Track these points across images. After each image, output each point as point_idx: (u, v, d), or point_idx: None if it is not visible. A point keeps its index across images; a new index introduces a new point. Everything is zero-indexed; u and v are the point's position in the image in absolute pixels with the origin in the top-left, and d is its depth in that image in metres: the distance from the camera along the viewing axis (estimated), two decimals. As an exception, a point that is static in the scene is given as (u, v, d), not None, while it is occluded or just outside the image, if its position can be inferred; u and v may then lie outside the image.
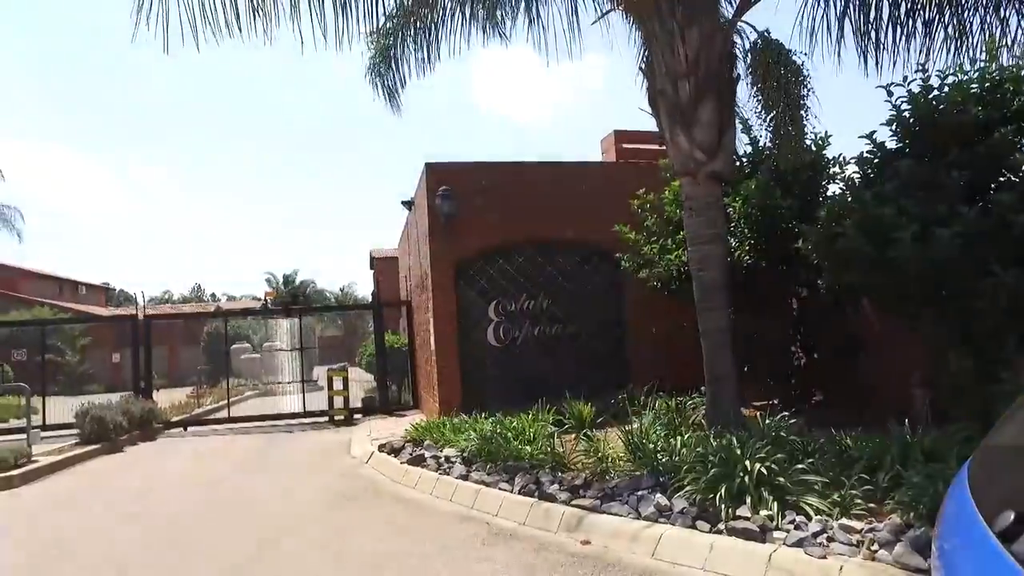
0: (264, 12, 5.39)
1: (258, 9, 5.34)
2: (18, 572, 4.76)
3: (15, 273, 31.91)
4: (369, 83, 8.44)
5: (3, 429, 13.96)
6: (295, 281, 47.41)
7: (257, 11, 5.34)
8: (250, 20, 5.37)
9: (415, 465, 7.03)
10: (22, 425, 12.79)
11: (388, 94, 8.49)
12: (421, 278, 11.75)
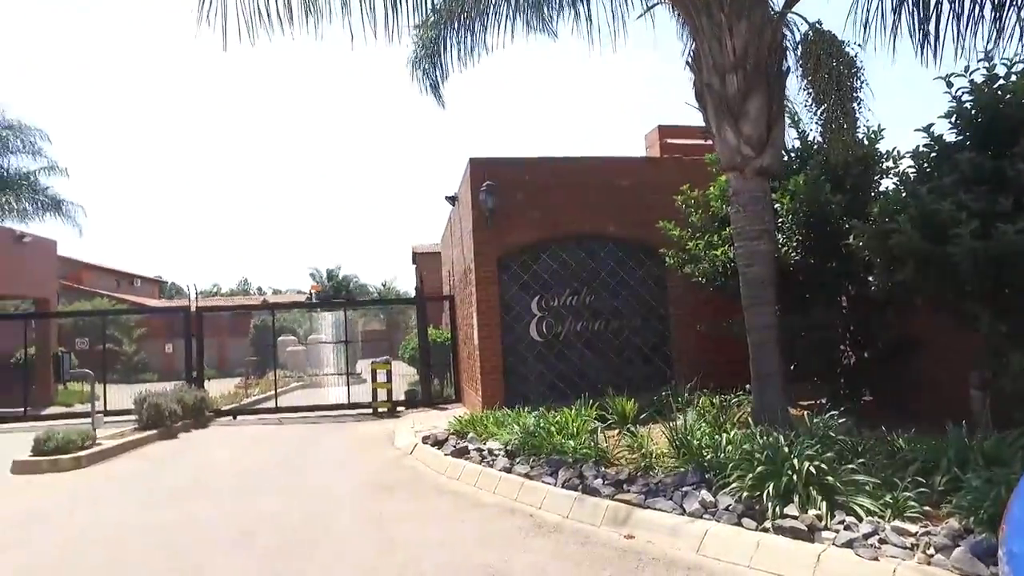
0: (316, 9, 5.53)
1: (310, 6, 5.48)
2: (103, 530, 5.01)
3: (78, 266, 33.21)
4: (412, 76, 8.55)
5: (69, 413, 14.66)
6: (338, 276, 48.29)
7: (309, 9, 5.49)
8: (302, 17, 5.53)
9: (458, 457, 7.13)
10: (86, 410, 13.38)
11: (431, 87, 8.58)
12: (464, 273, 11.86)
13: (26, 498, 6.88)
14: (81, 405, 16.55)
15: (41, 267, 18.82)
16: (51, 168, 22.94)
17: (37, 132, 22.23)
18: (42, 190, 22.59)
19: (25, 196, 22.08)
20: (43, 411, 15.56)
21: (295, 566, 4.34)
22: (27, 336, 16.51)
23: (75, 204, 23.11)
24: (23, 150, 22.31)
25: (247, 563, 4.46)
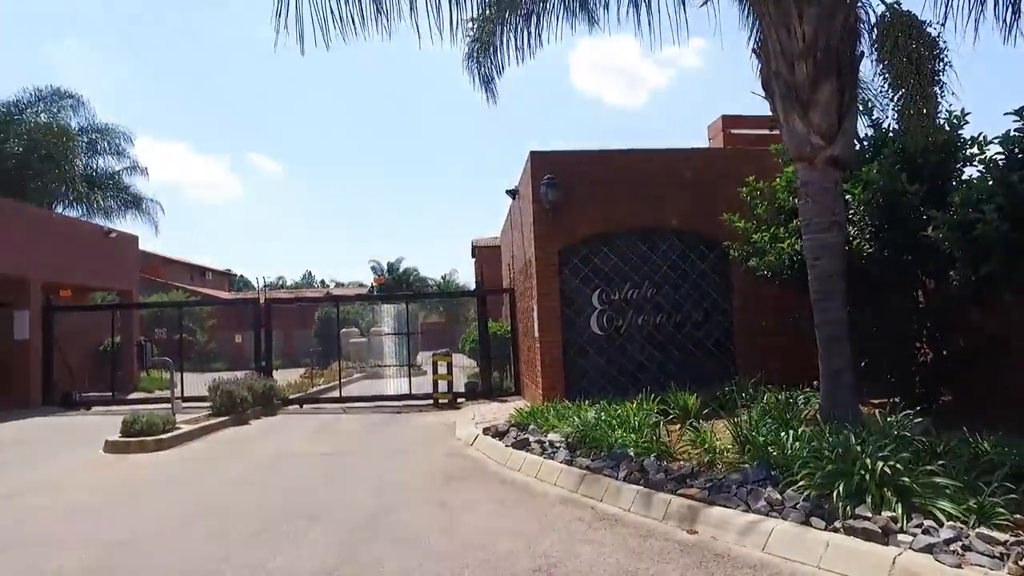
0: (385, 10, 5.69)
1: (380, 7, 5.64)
2: (185, 510, 5.32)
3: (156, 260, 34.99)
4: (466, 70, 8.60)
5: (150, 398, 15.53)
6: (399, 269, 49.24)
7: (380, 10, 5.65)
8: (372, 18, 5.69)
9: (519, 449, 7.19)
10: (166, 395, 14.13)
11: (484, 81, 8.62)
12: (525, 266, 11.93)
13: (121, 475, 7.36)
14: (160, 391, 17.51)
15: (125, 261, 19.94)
16: (133, 168, 24.30)
17: (121, 134, 23.56)
18: (125, 188, 23.95)
19: (110, 194, 23.45)
20: (128, 396, 16.54)
21: (366, 547, 4.49)
22: (114, 326, 17.52)
23: (153, 201, 24.43)
24: (109, 151, 23.68)
25: (321, 539, 4.65)
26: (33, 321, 15.49)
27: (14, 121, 20.91)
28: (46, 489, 6.78)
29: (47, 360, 15.77)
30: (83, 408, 14.77)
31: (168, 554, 4.49)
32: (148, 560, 4.38)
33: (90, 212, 22.42)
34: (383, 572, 4.03)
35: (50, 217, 18.33)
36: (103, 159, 23.49)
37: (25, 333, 15.40)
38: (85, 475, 7.48)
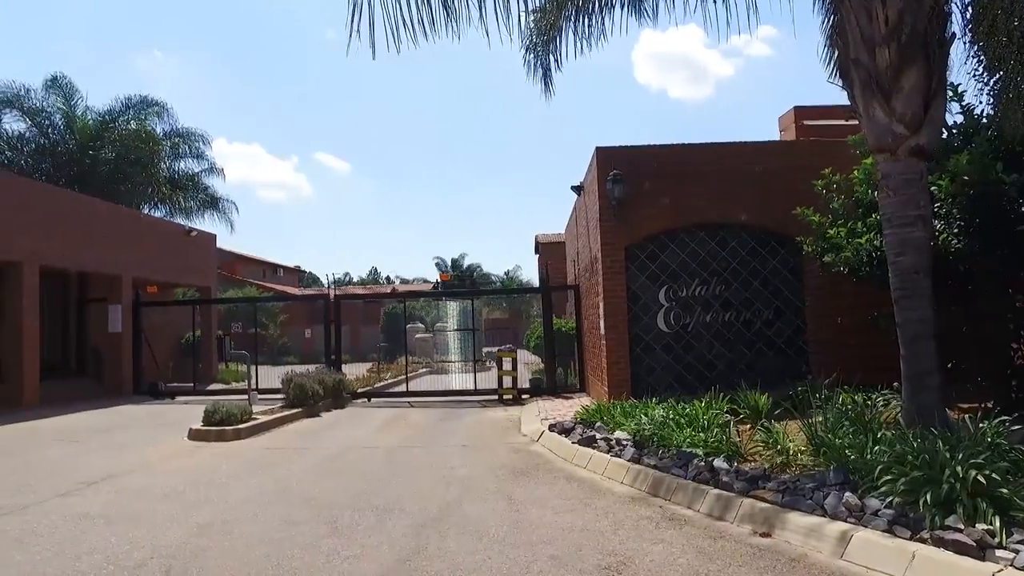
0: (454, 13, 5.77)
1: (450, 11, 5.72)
2: (263, 498, 5.57)
3: (231, 257, 36.60)
4: (524, 63, 8.54)
5: (227, 389, 16.28)
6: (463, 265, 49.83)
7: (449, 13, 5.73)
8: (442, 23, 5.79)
9: (586, 446, 7.17)
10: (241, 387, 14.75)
11: (542, 74, 8.55)
12: (590, 262, 11.86)
13: (203, 461, 7.74)
14: (236, 383, 18.33)
15: (204, 259, 20.94)
16: (210, 169, 25.51)
17: (200, 137, 24.77)
18: (203, 189, 25.17)
19: (191, 195, 24.69)
20: (207, 387, 17.38)
21: (436, 539, 4.58)
22: (195, 320, 18.45)
23: (229, 201, 25.57)
24: (189, 154, 24.93)
25: (392, 530, 4.77)
26: (125, 315, 16.50)
27: (108, 129, 22.27)
28: (140, 472, 7.22)
29: (136, 352, 16.76)
30: (168, 397, 15.63)
31: (249, 538, 4.70)
32: (232, 542, 4.59)
33: (172, 212, 23.71)
34: (454, 564, 4.10)
35: (139, 218, 19.45)
36: (184, 162, 24.80)
37: (118, 326, 16.42)
38: (172, 460, 7.92)
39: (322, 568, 4.07)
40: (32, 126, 21.93)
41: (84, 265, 15.81)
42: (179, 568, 4.11)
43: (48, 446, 9.17)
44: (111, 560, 4.29)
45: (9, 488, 6.56)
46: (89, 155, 21.78)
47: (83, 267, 15.96)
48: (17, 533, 4.98)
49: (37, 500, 5.99)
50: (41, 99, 22.07)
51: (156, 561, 4.24)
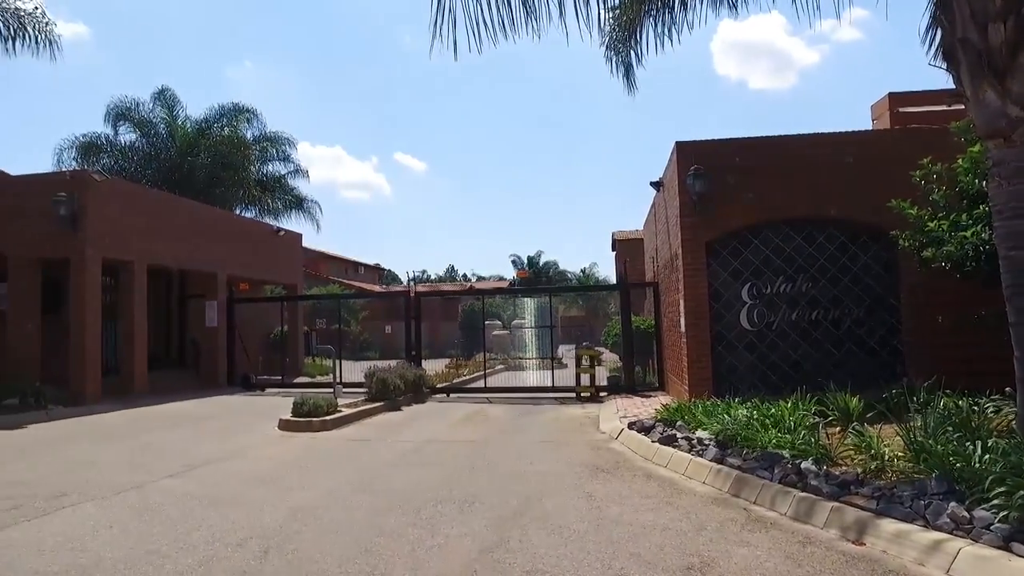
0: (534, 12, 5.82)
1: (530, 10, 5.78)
2: (349, 487, 5.80)
3: (315, 256, 38.07)
4: (605, 60, 8.49)
5: (313, 383, 16.97)
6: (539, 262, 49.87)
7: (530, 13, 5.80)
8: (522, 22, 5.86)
9: (666, 445, 7.06)
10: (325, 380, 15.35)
11: (624, 71, 8.46)
12: (670, 259, 11.65)
13: (292, 450, 8.12)
14: (321, 376, 19.09)
15: (291, 257, 21.89)
16: (296, 171, 26.66)
17: (286, 141, 25.93)
18: (289, 191, 26.33)
19: (278, 196, 25.88)
20: (294, 380, 18.17)
21: (517, 533, 4.63)
22: (283, 316, 19.33)
23: (313, 201, 26.63)
24: (277, 158, 26.14)
25: (474, 522, 4.86)
26: (220, 311, 17.50)
27: (204, 136, 23.67)
28: (237, 458, 7.66)
29: (230, 345, 17.73)
30: (258, 389, 16.47)
31: (338, 524, 4.90)
32: (322, 527, 4.81)
33: (261, 213, 24.93)
34: (536, 557, 4.14)
35: (233, 219, 20.55)
36: (272, 165, 26.05)
37: (214, 321, 17.44)
38: (265, 448, 8.35)
39: (408, 556, 4.19)
40: (141, 136, 23.62)
41: (185, 264, 16.87)
42: (276, 548, 4.34)
43: (156, 431, 9.87)
44: (216, 537, 4.58)
45: (126, 467, 7.13)
46: (188, 161, 23.22)
47: (184, 266, 17.02)
48: (136, 508, 5.42)
49: (150, 479, 6.47)
50: (148, 111, 23.75)
51: (255, 541, 4.49)
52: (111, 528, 4.87)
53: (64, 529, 4.87)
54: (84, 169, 17.20)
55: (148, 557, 4.21)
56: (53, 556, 4.28)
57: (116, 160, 23.18)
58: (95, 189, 13.88)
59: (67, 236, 13.41)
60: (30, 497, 5.84)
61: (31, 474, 6.88)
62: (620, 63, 8.09)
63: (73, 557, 4.25)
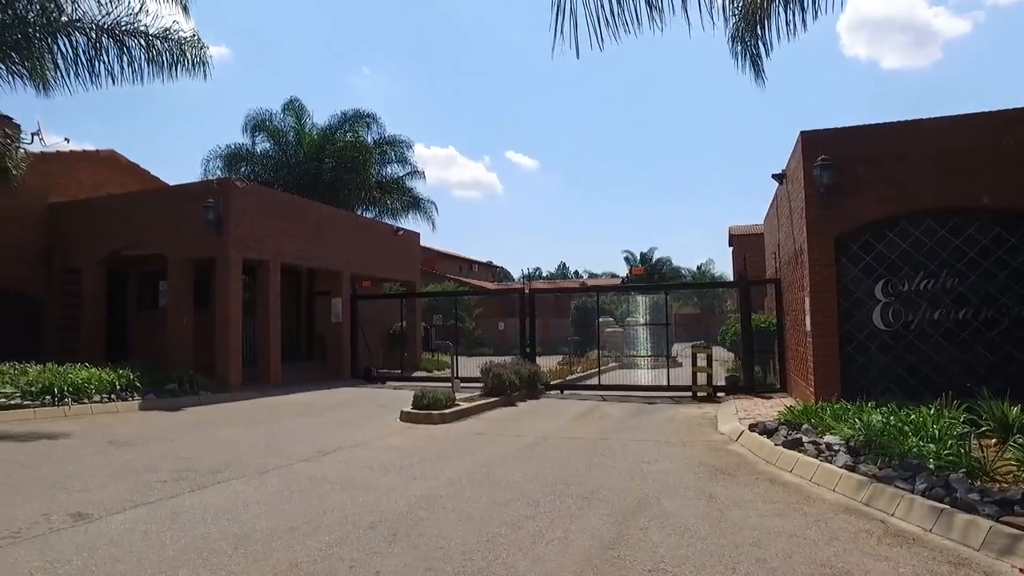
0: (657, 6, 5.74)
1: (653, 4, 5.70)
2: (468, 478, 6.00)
3: (431, 254, 39.43)
4: (731, 52, 8.17)
5: (430, 377, 17.62)
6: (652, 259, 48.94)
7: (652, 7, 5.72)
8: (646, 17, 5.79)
9: (791, 448, 6.74)
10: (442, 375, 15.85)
11: (752, 62, 8.12)
12: (794, 255, 11.07)
13: (413, 441, 8.49)
14: (438, 371, 19.76)
15: (409, 255, 22.80)
16: (412, 172, 27.73)
17: (404, 143, 27.03)
18: (407, 191, 27.42)
19: (396, 197, 27.04)
20: (412, 373, 18.95)
21: (636, 530, 4.60)
22: (402, 312, 20.20)
23: (429, 201, 27.59)
24: (395, 160, 27.32)
25: (592, 518, 4.88)
26: (344, 307, 18.56)
27: (329, 142, 25.18)
28: (363, 446, 8.11)
29: (353, 340, 18.76)
30: (379, 382, 17.30)
31: (460, 513, 5.08)
32: (445, 516, 5.00)
33: (381, 213, 26.17)
34: (657, 556, 4.09)
35: (356, 219, 21.69)
36: (390, 167, 27.26)
37: (339, 317, 18.52)
38: (388, 438, 8.77)
39: (529, 547, 4.28)
40: (274, 144, 25.52)
41: (313, 263, 18.02)
42: (403, 533, 4.57)
43: (289, 418, 10.64)
44: (348, 519, 4.89)
45: (266, 450, 7.76)
46: (314, 165, 24.80)
47: (312, 264, 18.19)
48: (277, 487, 5.89)
49: (287, 463, 7.00)
50: (280, 121, 25.61)
51: (383, 525, 4.75)
52: (258, 504, 5.33)
53: (219, 502, 5.39)
54: (228, 177, 18.80)
55: (290, 532, 4.56)
56: (214, 524, 4.76)
57: (253, 167, 25.20)
58: (237, 195, 15.15)
59: (214, 238, 14.74)
60: (191, 471, 6.51)
61: (190, 451, 7.65)
62: (746, 53, 7.77)
63: (230, 526, 4.70)
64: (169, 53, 12.37)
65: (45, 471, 6.61)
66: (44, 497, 5.58)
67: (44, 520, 4.88)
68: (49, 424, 9.80)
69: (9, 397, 10.63)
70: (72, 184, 17.99)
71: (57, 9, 11.42)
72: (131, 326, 18.29)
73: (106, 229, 16.58)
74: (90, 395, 11.44)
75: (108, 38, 11.92)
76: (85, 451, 7.76)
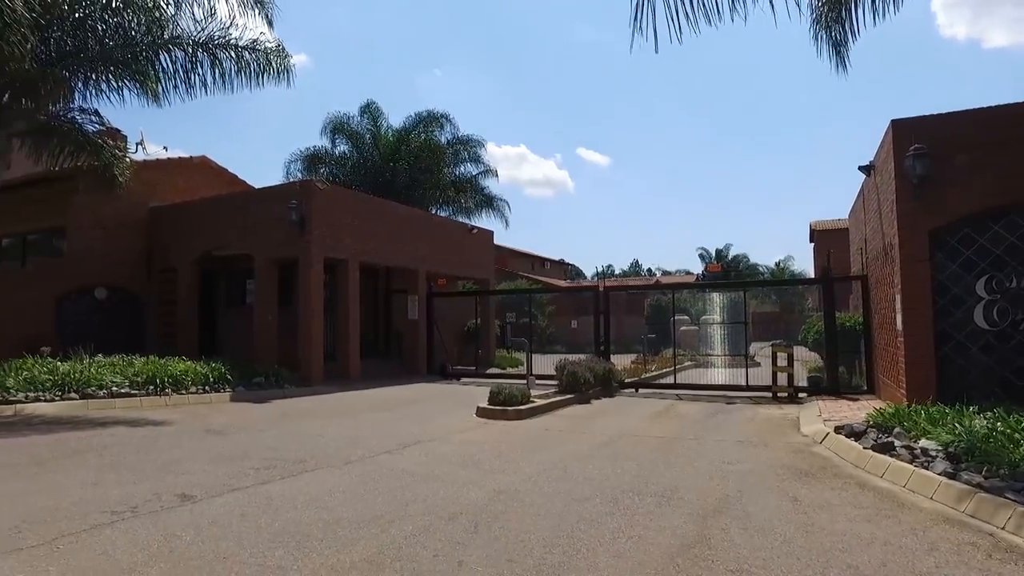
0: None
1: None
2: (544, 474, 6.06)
3: (503, 252, 39.73)
4: (812, 38, 7.89)
5: (503, 374, 17.79)
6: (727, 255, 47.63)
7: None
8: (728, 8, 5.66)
9: (881, 453, 6.42)
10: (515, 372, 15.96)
11: (834, 49, 7.80)
12: (884, 250, 10.53)
13: (490, 436, 8.61)
14: (511, 368, 19.92)
15: (483, 253, 23.08)
16: (485, 171, 28.02)
17: (476, 142, 27.36)
18: (480, 190, 27.74)
19: (470, 196, 27.41)
20: (486, 370, 19.17)
21: (718, 531, 4.52)
22: (476, 310, 20.47)
23: (502, 199, 27.81)
24: (468, 159, 27.68)
25: (671, 517, 4.82)
26: (420, 305, 19.00)
27: (403, 142, 25.79)
28: (441, 440, 8.29)
29: (429, 337, 19.17)
30: (454, 378, 17.61)
31: (539, 508, 5.12)
32: (524, 510, 5.06)
33: (455, 212, 26.57)
34: (740, 557, 4.01)
35: (431, 219, 22.14)
36: (463, 166, 27.63)
37: (415, 314, 18.97)
38: (465, 433, 8.93)
39: (609, 544, 4.28)
40: (352, 146, 26.37)
41: (390, 261, 18.52)
42: (484, 524, 4.66)
43: (369, 412, 11.00)
44: (430, 510, 5.03)
45: (348, 442, 8.06)
46: (389, 166, 25.44)
47: (389, 263, 18.70)
48: (361, 477, 6.12)
49: (369, 454, 7.26)
50: (357, 123, 26.43)
51: (465, 517, 4.86)
52: (343, 492, 5.55)
53: (307, 489, 5.65)
54: (309, 179, 19.54)
55: (375, 521, 4.74)
56: (304, 511, 5.00)
57: (332, 169, 26.11)
58: (318, 196, 15.76)
59: (297, 238, 15.39)
60: (280, 460, 6.84)
61: (278, 441, 8.05)
62: (829, 41, 7.47)
63: (318, 513, 4.92)
64: (256, 63, 13.03)
65: (153, 455, 7.13)
66: (154, 478, 6.03)
67: (156, 498, 5.28)
68: (153, 412, 10.54)
69: (120, 386, 11.49)
70: (169, 189, 19.18)
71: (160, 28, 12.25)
72: (221, 322, 19.34)
73: (198, 231, 17.61)
74: (187, 386, 12.21)
75: (202, 51, 12.68)
76: (185, 438, 8.29)
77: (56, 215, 17.33)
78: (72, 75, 12.15)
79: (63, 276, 17.17)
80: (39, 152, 13.74)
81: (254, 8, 12.99)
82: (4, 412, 9.90)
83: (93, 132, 13.78)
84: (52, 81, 11.45)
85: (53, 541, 4.27)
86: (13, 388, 10.59)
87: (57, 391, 10.88)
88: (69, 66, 11.99)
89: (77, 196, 16.24)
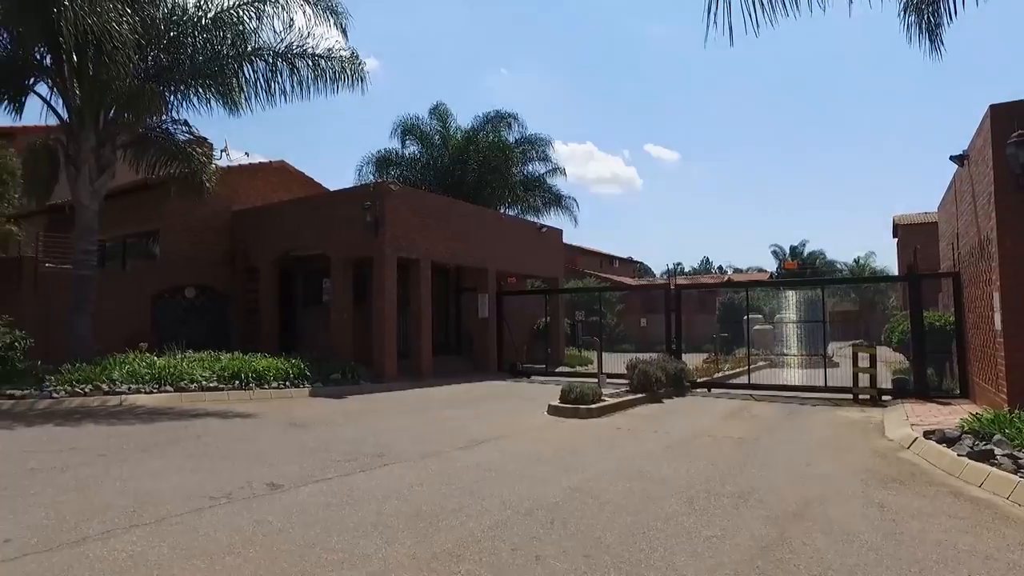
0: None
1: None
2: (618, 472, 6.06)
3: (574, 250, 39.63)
4: (902, 24, 7.52)
5: (572, 372, 17.79)
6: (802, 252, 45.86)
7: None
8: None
9: (979, 461, 6.08)
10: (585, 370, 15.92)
11: (928, 32, 7.41)
12: (979, 245, 9.94)
13: (562, 434, 8.66)
14: (580, 367, 19.88)
15: (553, 252, 23.09)
16: (553, 170, 28.02)
17: (544, 141, 27.39)
18: (548, 189, 27.76)
19: (538, 195, 27.49)
20: (556, 368, 19.20)
21: (798, 534, 4.42)
22: (546, 308, 20.53)
23: (570, 198, 27.74)
24: (536, 158, 27.76)
25: (749, 518, 4.74)
26: (490, 303, 19.21)
27: (472, 142, 26.10)
28: (513, 437, 8.40)
29: (499, 335, 19.35)
30: (524, 376, 17.72)
31: (614, 505, 5.13)
32: (599, 507, 5.08)
33: (523, 211, 26.68)
34: (823, 562, 3.91)
35: (500, 218, 22.33)
36: (531, 165, 27.70)
37: (485, 312, 19.20)
38: (537, 430, 9.01)
39: (684, 543, 4.25)
40: (421, 147, 26.90)
41: (460, 260, 18.80)
42: (560, 520, 4.71)
43: (442, 408, 11.23)
44: (507, 505, 5.12)
45: (423, 438, 8.27)
46: (458, 166, 25.80)
47: (459, 262, 18.99)
48: (437, 472, 6.28)
49: (444, 450, 7.43)
50: (426, 125, 26.94)
51: (540, 512, 4.92)
52: (421, 486, 5.71)
53: (386, 483, 5.84)
54: (383, 181, 20.07)
55: (454, 514, 4.86)
56: (384, 502, 5.18)
57: (402, 170, 26.69)
58: (391, 197, 16.18)
59: (370, 238, 15.85)
60: (360, 454, 7.11)
61: (356, 435, 8.34)
62: (922, 25, 7.11)
63: (399, 505, 5.10)
64: (332, 71, 13.53)
65: (242, 445, 7.55)
66: (244, 467, 6.38)
67: (247, 486, 5.59)
68: (239, 405, 11.11)
69: (208, 380, 12.18)
70: (251, 193, 20.12)
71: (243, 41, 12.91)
72: (299, 320, 20.13)
73: (278, 232, 18.39)
74: (269, 381, 12.80)
75: (282, 61, 13.27)
76: (270, 430, 8.71)
77: (151, 219, 18.56)
78: (166, 89, 12.97)
79: (157, 276, 18.32)
80: (138, 161, 14.74)
81: (329, 19, 13.50)
82: (112, 402, 10.67)
83: (183, 141, 14.66)
84: (150, 96, 12.26)
85: (163, 520, 4.63)
86: (118, 380, 11.44)
87: (155, 384, 11.65)
88: (164, 81, 12.81)
89: (169, 201, 17.27)
